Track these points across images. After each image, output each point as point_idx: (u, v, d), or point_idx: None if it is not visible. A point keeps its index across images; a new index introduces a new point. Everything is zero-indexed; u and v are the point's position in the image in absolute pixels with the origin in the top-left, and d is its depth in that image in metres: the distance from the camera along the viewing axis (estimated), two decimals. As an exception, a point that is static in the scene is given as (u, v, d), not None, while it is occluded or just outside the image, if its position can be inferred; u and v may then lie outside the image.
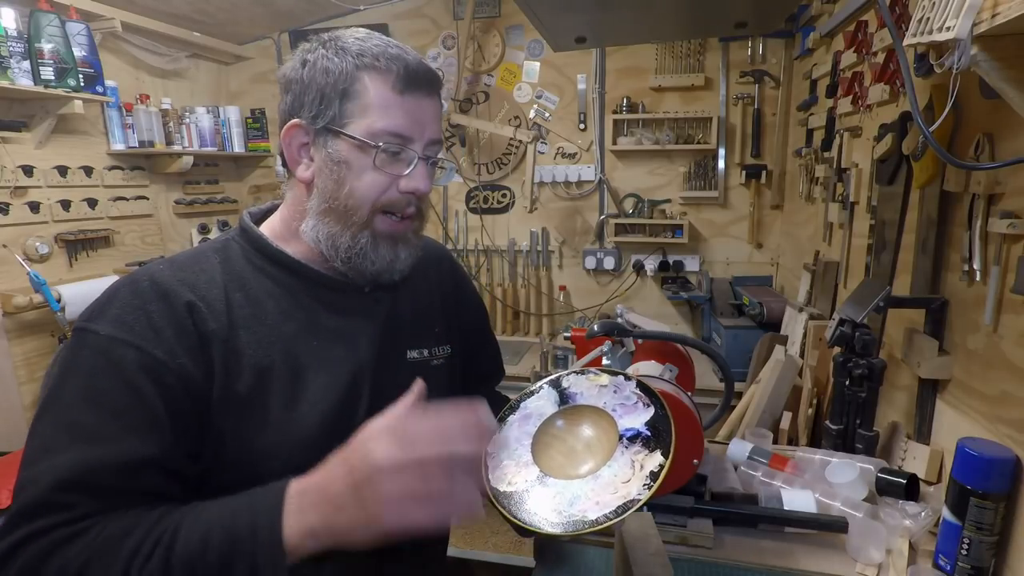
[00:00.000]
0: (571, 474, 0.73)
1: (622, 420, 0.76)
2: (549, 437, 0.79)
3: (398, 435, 0.56)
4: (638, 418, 0.75)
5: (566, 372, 0.87)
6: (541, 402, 0.83)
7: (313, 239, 0.77)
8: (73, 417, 0.62)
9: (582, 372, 0.86)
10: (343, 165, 0.74)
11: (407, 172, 0.75)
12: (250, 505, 0.58)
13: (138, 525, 0.59)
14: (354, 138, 0.73)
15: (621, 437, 0.74)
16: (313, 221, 0.77)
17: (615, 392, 0.80)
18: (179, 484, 0.66)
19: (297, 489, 0.58)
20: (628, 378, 0.81)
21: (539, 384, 0.86)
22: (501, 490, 0.73)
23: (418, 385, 0.62)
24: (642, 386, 0.79)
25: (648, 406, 0.76)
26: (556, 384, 0.85)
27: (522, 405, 0.84)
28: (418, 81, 0.75)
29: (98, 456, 0.60)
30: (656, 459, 0.69)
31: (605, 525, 0.64)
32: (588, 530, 0.65)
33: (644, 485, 0.66)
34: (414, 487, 0.54)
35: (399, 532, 0.55)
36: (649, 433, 0.73)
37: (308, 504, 0.57)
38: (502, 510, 0.70)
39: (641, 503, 0.64)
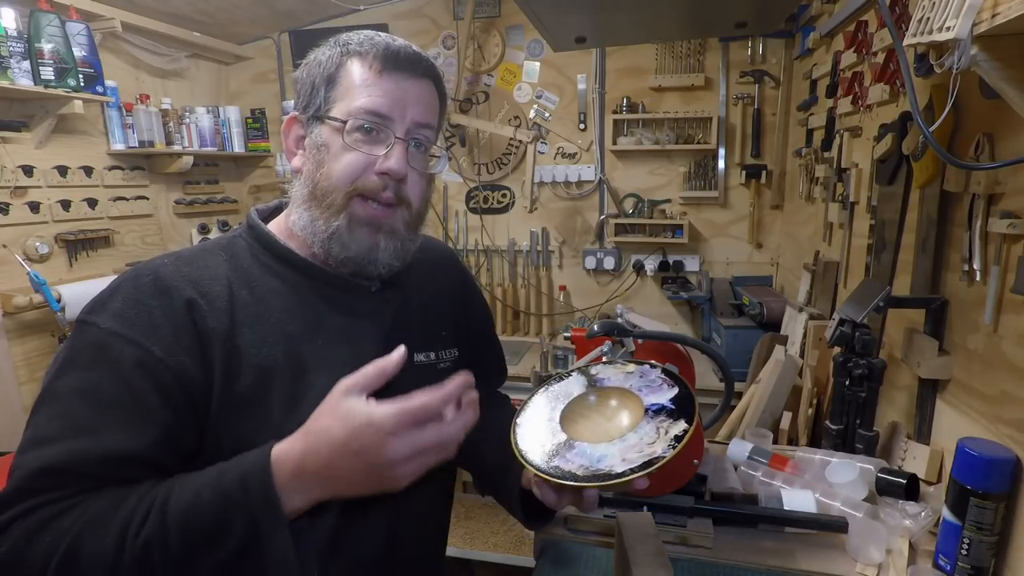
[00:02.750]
0: (597, 440, 0.75)
1: (647, 398, 0.79)
2: (575, 414, 0.82)
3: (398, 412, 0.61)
4: (663, 396, 0.78)
5: (594, 364, 0.91)
6: (570, 386, 0.86)
7: (300, 228, 0.76)
8: (67, 408, 0.62)
9: (610, 363, 0.90)
10: (323, 148, 0.74)
11: (383, 153, 0.74)
12: (236, 464, 0.62)
13: (130, 495, 0.60)
14: (333, 119, 0.73)
15: (647, 410, 0.76)
16: (298, 210, 0.76)
17: (641, 377, 0.83)
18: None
19: (291, 461, 0.62)
20: (654, 366, 0.85)
21: (568, 370, 0.90)
22: (529, 449, 0.74)
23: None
24: (667, 372, 0.83)
25: (672, 387, 0.79)
26: (584, 371, 0.88)
27: (551, 387, 0.87)
28: (398, 61, 0.74)
29: (86, 447, 0.60)
30: (680, 425, 0.72)
31: (631, 477, 0.66)
32: (614, 482, 0.66)
33: (669, 445, 0.68)
34: (418, 442, 0.61)
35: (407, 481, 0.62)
36: (673, 406, 0.75)
37: (308, 478, 0.62)
38: (529, 467, 0.71)
39: (666, 460, 0.66)
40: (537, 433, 0.78)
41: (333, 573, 0.72)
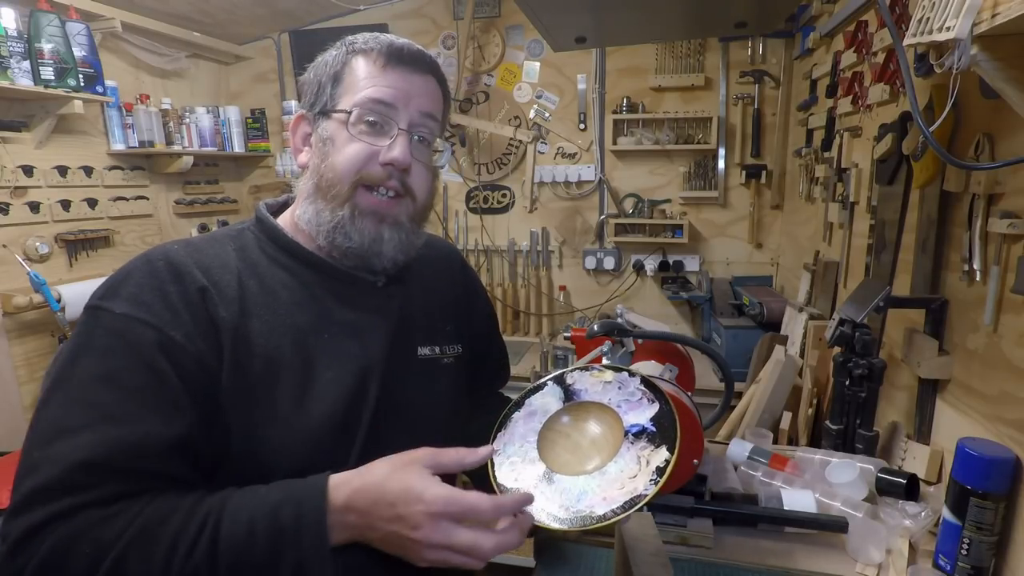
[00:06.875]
0: (577, 470, 0.73)
1: (627, 416, 0.76)
2: (554, 434, 0.79)
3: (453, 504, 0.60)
4: (643, 414, 0.75)
5: (570, 369, 0.87)
6: (546, 399, 0.83)
7: (305, 221, 0.77)
8: (89, 396, 0.60)
9: (586, 369, 0.86)
10: (328, 141, 0.75)
11: (387, 144, 0.74)
12: (293, 499, 0.61)
13: (175, 511, 0.59)
14: (339, 111, 0.75)
15: (626, 433, 0.74)
16: (304, 203, 0.77)
17: (619, 388, 0.80)
18: (199, 469, 0.65)
19: (342, 502, 0.61)
20: (632, 375, 0.81)
21: (543, 381, 0.86)
22: (508, 487, 0.73)
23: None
24: (646, 382, 0.79)
25: (652, 402, 0.76)
26: (560, 381, 0.85)
27: (527, 402, 0.84)
28: (401, 56, 0.76)
29: (119, 436, 0.59)
30: (662, 454, 0.69)
31: (612, 520, 0.64)
32: (595, 525, 0.65)
33: (651, 480, 0.66)
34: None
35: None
36: (654, 429, 0.73)
37: (355, 528, 0.62)
38: None
39: (648, 498, 0.64)
40: (514, 461, 0.76)
41: (342, 569, 0.72)
